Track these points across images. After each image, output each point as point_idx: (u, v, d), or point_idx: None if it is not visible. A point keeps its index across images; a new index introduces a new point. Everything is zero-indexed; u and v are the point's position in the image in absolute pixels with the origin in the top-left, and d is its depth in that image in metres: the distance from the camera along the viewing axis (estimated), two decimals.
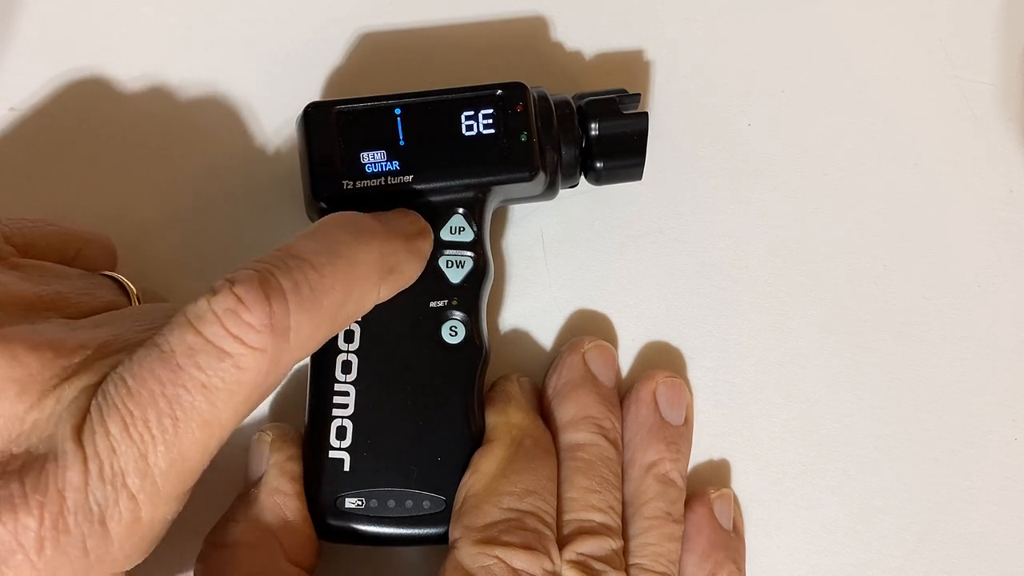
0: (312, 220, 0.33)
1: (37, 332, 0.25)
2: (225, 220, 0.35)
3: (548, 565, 0.29)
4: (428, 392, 0.31)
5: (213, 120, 0.36)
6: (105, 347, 0.25)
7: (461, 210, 0.32)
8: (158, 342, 0.24)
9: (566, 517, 0.31)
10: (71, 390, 0.24)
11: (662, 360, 0.36)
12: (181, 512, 0.32)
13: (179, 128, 0.36)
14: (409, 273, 0.30)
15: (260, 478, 0.31)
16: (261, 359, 0.24)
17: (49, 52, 0.36)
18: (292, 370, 0.27)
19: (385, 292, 0.29)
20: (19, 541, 0.22)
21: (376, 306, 0.31)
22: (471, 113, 0.32)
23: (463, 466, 0.31)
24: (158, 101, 0.36)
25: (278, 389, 0.34)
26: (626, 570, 0.31)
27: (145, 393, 0.23)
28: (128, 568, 0.25)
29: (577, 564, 0.30)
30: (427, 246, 0.31)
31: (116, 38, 0.37)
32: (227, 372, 0.24)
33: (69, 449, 0.23)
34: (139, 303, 0.31)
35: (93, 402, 0.24)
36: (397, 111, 0.32)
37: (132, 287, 0.31)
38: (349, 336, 0.31)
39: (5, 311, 0.26)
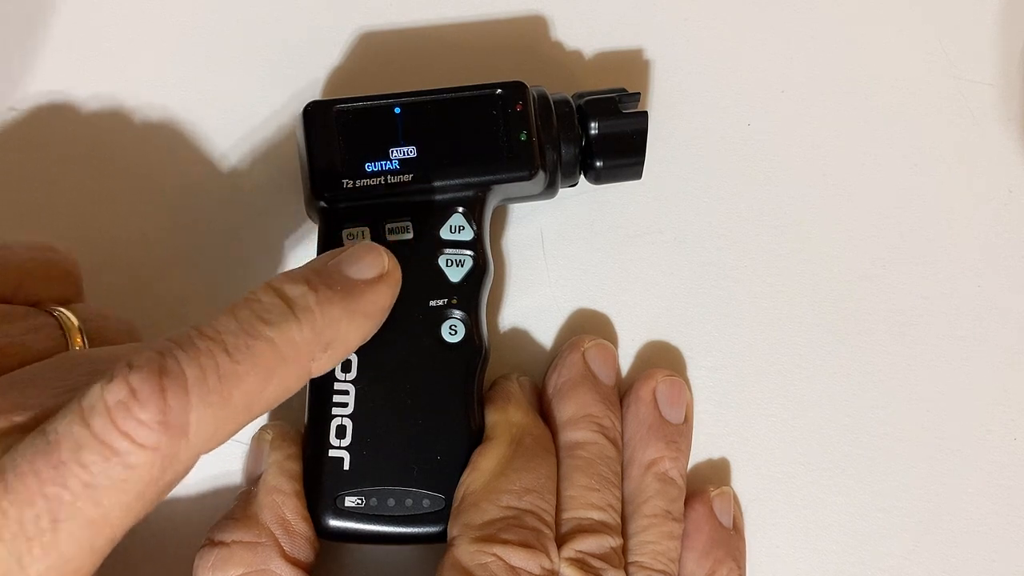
0: (312, 219, 0.33)
1: None
2: (225, 220, 0.35)
3: (546, 563, 0.29)
4: (428, 391, 0.31)
5: (212, 120, 0.36)
6: (6, 420, 0.23)
7: (461, 209, 0.32)
8: (47, 430, 0.22)
9: (565, 515, 0.31)
10: None
11: (662, 359, 0.36)
12: (181, 509, 0.32)
13: (178, 128, 0.36)
14: (354, 341, 0.27)
15: (259, 477, 0.31)
16: (153, 457, 0.22)
17: (47, 51, 0.37)
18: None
19: (320, 369, 0.26)
20: None
21: None
22: (471, 112, 0.32)
23: (463, 465, 0.31)
24: (157, 101, 0.36)
25: None
26: (625, 568, 0.31)
27: (23, 490, 0.21)
28: None
29: (576, 562, 0.30)
30: (384, 296, 0.27)
31: (115, 37, 0.37)
32: (114, 471, 0.21)
33: None
34: (84, 343, 0.29)
35: None
36: (397, 110, 0.32)
37: (74, 322, 0.29)
38: None
39: None
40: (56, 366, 0.26)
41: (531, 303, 0.36)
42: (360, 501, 0.31)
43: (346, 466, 0.31)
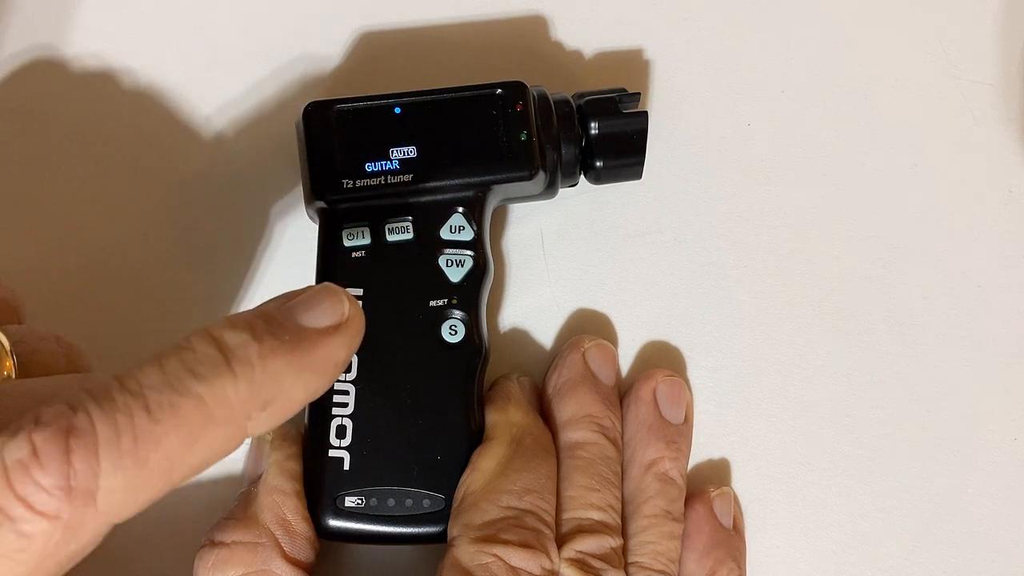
0: (312, 219, 0.33)
1: None
2: (224, 221, 0.35)
3: (547, 563, 0.29)
4: (428, 391, 0.31)
5: (213, 120, 0.36)
6: None
7: (461, 209, 0.32)
8: None
9: (565, 515, 0.31)
10: None
11: (662, 360, 0.36)
12: (181, 510, 0.32)
13: (177, 129, 0.36)
14: (299, 399, 0.23)
15: (260, 477, 0.31)
16: (52, 526, 0.20)
17: (44, 54, 0.37)
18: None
19: (256, 429, 0.22)
20: None
21: (375, 306, 0.31)
22: (471, 112, 0.32)
23: (463, 465, 0.31)
24: (156, 101, 0.36)
25: None
26: (625, 568, 0.31)
27: None
28: None
29: (576, 562, 0.29)
30: (339, 350, 0.24)
31: (113, 38, 0.37)
32: (6, 539, 0.19)
33: None
34: (14, 367, 0.26)
35: None
36: (397, 110, 0.32)
37: (3, 344, 0.26)
38: None
39: None
40: None
41: (531, 303, 0.36)
42: (360, 501, 0.30)
43: (346, 466, 0.31)
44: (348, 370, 0.31)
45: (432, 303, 0.32)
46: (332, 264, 0.32)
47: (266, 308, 0.24)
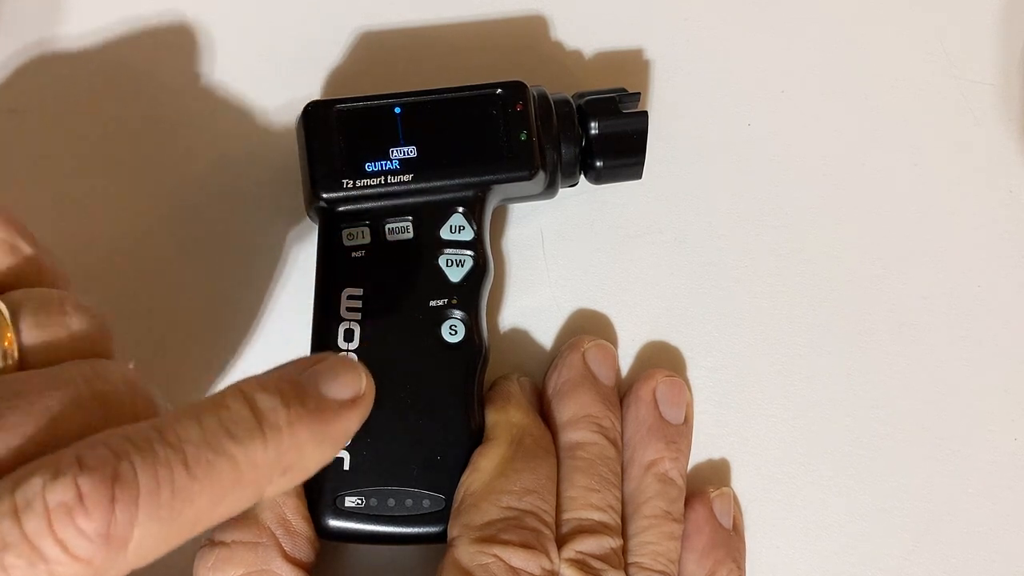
0: (312, 219, 0.33)
1: None
2: (225, 220, 0.35)
3: (547, 564, 0.29)
4: (428, 391, 0.31)
5: (212, 120, 0.36)
6: None
7: (461, 209, 0.32)
8: None
9: (565, 516, 0.31)
10: None
11: (662, 360, 0.36)
12: None
13: (177, 129, 0.36)
14: (314, 467, 0.24)
15: None
16: (83, 571, 0.20)
17: (45, 54, 0.37)
18: None
19: (273, 492, 0.23)
20: None
21: (375, 306, 0.31)
22: (471, 112, 0.32)
23: (463, 465, 0.31)
24: (155, 101, 0.36)
25: None
26: (625, 569, 0.31)
27: None
28: None
29: (576, 563, 0.30)
30: (355, 422, 0.24)
31: (113, 38, 0.37)
32: None
33: None
34: (15, 343, 0.23)
35: None
36: (397, 110, 0.32)
37: (4, 315, 0.24)
38: (349, 335, 0.31)
39: None
40: None
41: (531, 303, 0.36)
42: (360, 501, 0.31)
43: (346, 466, 0.31)
44: None
45: (432, 303, 0.32)
46: (332, 264, 0.32)
47: (289, 373, 0.24)
